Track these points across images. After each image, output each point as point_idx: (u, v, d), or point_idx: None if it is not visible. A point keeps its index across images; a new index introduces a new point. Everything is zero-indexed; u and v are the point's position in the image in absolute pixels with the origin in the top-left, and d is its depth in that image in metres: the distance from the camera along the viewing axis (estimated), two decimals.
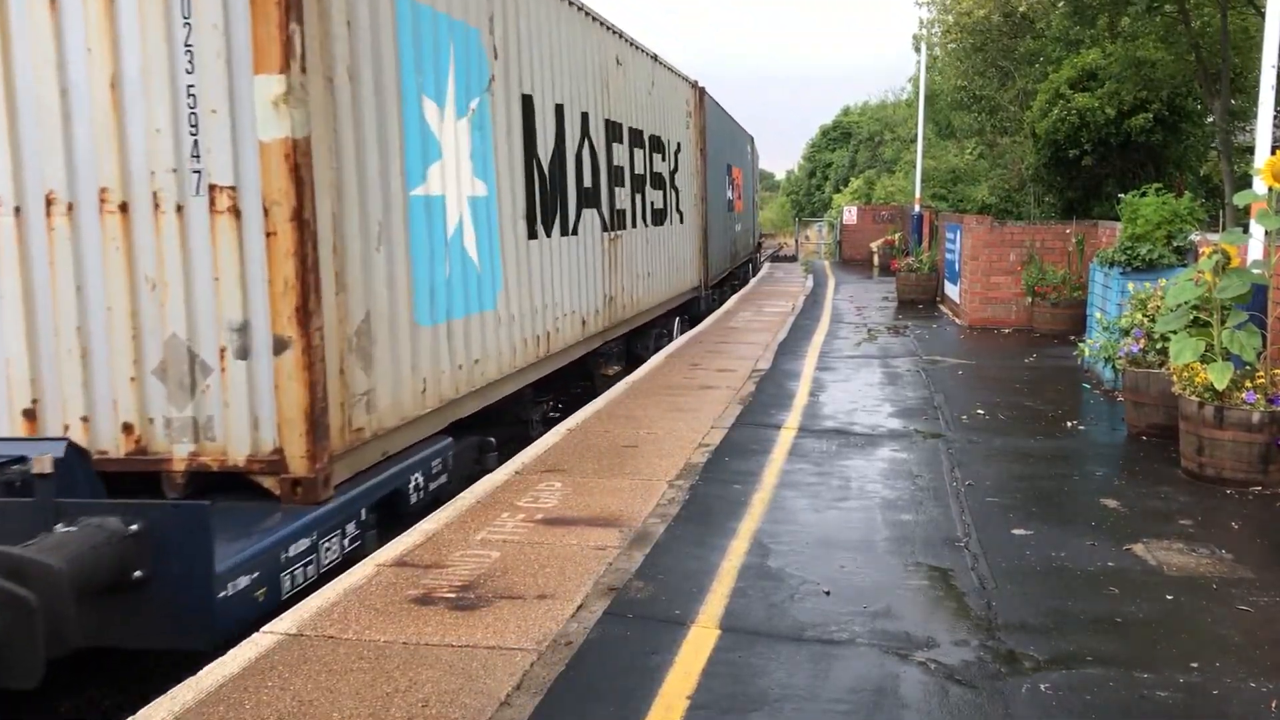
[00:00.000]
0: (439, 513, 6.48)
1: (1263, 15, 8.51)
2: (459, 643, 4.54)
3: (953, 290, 18.70)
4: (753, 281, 27.84)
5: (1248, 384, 7.06)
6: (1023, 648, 4.51)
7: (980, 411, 9.63)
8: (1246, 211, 7.78)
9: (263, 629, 4.72)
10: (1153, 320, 8.58)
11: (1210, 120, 21.15)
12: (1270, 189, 7.07)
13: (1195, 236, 10.60)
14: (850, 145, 56.55)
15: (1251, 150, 10.17)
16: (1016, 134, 26.43)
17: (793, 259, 42.13)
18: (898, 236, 28.74)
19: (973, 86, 28.03)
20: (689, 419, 9.27)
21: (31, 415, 5.70)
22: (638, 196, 13.90)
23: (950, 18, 28.17)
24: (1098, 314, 11.37)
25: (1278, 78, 7.59)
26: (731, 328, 16.67)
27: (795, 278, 28.72)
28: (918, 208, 25.93)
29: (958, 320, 17.24)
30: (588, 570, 5.43)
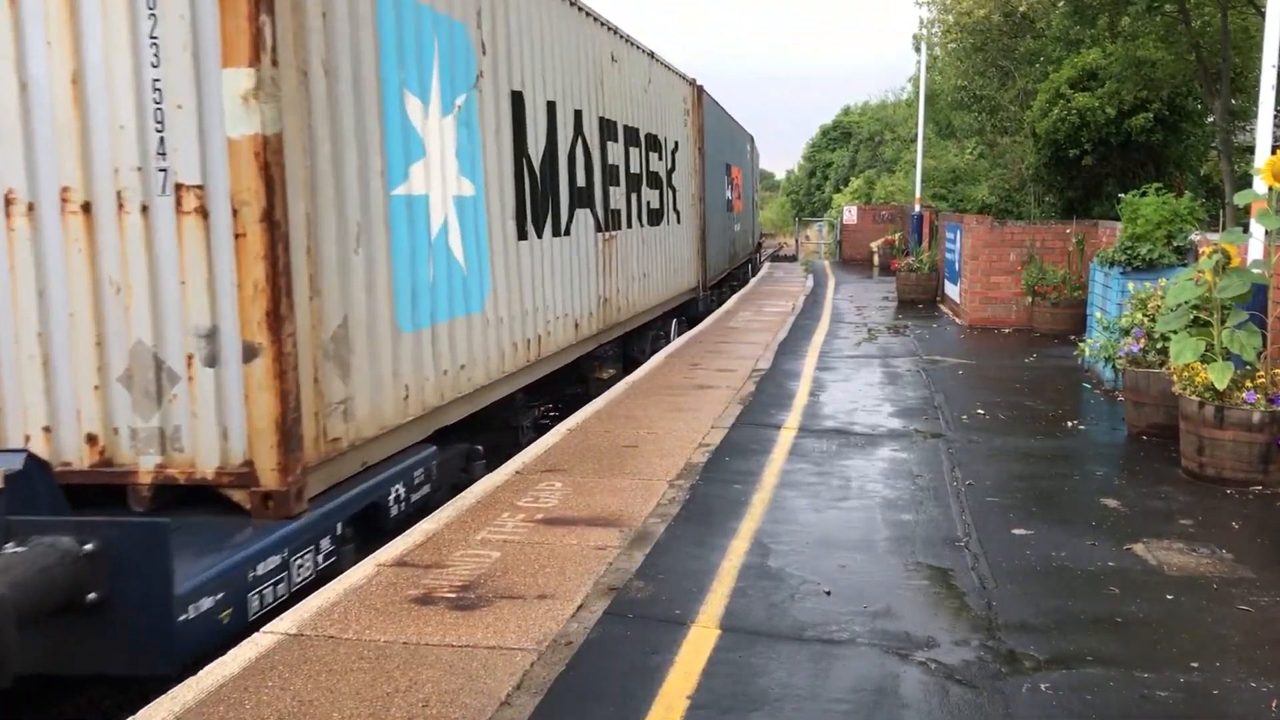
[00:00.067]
0: (439, 512, 6.47)
1: (1263, 15, 8.51)
2: (459, 643, 4.54)
3: (953, 290, 18.70)
4: (753, 281, 27.83)
5: (1248, 384, 7.06)
6: (1023, 647, 4.51)
7: (980, 411, 9.63)
8: (1246, 211, 7.78)
9: (263, 629, 4.71)
10: (1153, 320, 8.58)
11: (1210, 120, 21.16)
12: (1270, 188, 7.07)
13: (1195, 236, 10.60)
14: (850, 145, 56.60)
15: (1251, 150, 10.19)
16: (1017, 134, 26.44)
17: (793, 259, 42.16)
18: (898, 236, 28.74)
19: (973, 86, 28.04)
20: (689, 419, 9.26)
21: None
22: (633, 196, 13.65)
23: (950, 17, 28.15)
24: (1098, 314, 11.37)
25: (1278, 77, 7.59)
26: (731, 327, 16.67)
27: (795, 277, 28.73)
28: (918, 207, 25.93)
29: (958, 320, 17.24)
30: (588, 570, 5.43)
